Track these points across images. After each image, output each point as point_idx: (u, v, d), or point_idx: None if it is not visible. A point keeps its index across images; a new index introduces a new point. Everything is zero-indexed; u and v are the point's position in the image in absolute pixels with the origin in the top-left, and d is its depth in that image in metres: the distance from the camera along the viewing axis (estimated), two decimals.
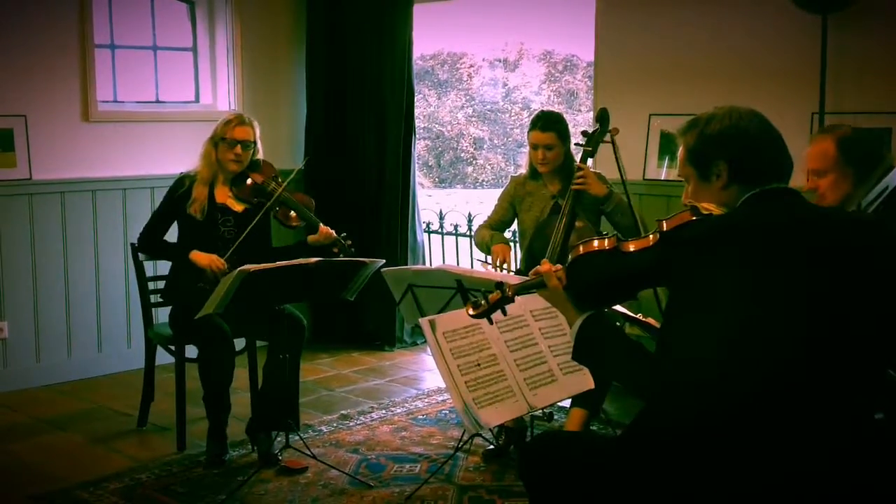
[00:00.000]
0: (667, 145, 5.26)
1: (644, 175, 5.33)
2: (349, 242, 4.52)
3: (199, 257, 4.38)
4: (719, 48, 5.05)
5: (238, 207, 4.51)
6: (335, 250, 4.47)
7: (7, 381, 5.45)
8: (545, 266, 2.47)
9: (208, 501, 3.89)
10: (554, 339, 2.92)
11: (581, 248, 2.46)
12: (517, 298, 2.42)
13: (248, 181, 4.51)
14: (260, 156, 4.59)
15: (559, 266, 2.45)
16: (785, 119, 4.79)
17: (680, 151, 2.47)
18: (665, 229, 2.41)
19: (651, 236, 2.42)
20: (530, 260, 4.57)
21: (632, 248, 2.40)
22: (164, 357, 4.68)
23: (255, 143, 4.51)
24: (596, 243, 2.44)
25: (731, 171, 2.32)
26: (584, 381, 2.95)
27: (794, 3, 4.56)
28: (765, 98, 4.86)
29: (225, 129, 4.46)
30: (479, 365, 2.67)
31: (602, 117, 4.65)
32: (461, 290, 3.87)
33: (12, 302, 5.48)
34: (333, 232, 4.49)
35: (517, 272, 4.73)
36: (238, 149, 4.44)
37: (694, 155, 2.38)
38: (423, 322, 2.64)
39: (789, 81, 4.81)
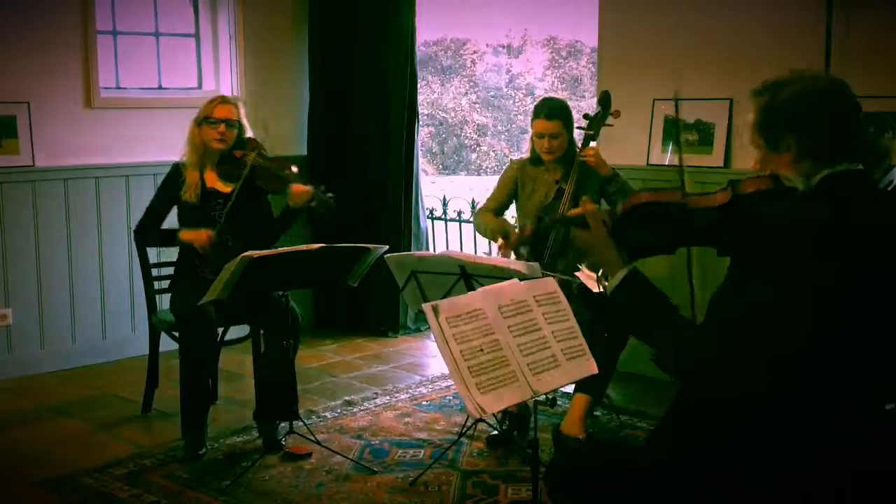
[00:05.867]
0: (670, 130, 5.24)
1: (648, 160, 5.32)
2: (329, 195, 4.46)
3: (187, 235, 4.39)
4: (723, 32, 5.02)
5: (226, 189, 4.50)
6: (312, 204, 4.44)
7: (11, 367, 5.45)
8: (590, 206, 2.46)
9: (212, 487, 3.89)
10: (557, 325, 2.90)
11: (646, 196, 2.44)
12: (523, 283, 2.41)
13: (229, 158, 4.50)
14: (248, 134, 4.58)
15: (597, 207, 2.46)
16: None
17: (749, 117, 2.39)
18: (739, 191, 2.37)
19: (720, 194, 2.38)
20: (534, 245, 4.55)
21: (698, 203, 2.38)
22: (168, 343, 4.67)
23: (238, 121, 4.49)
24: (661, 194, 2.42)
25: (800, 146, 2.25)
26: (588, 366, 2.93)
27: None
28: None
29: (208, 109, 4.48)
30: (482, 350, 2.65)
31: (604, 100, 4.64)
32: (464, 276, 3.87)
33: (16, 289, 5.49)
34: (309, 188, 4.43)
35: (518, 258, 4.72)
36: (222, 127, 4.42)
37: (762, 126, 2.32)
38: (427, 307, 2.62)
39: (794, 65, 4.77)
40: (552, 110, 4.54)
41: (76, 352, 5.71)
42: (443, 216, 6.94)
